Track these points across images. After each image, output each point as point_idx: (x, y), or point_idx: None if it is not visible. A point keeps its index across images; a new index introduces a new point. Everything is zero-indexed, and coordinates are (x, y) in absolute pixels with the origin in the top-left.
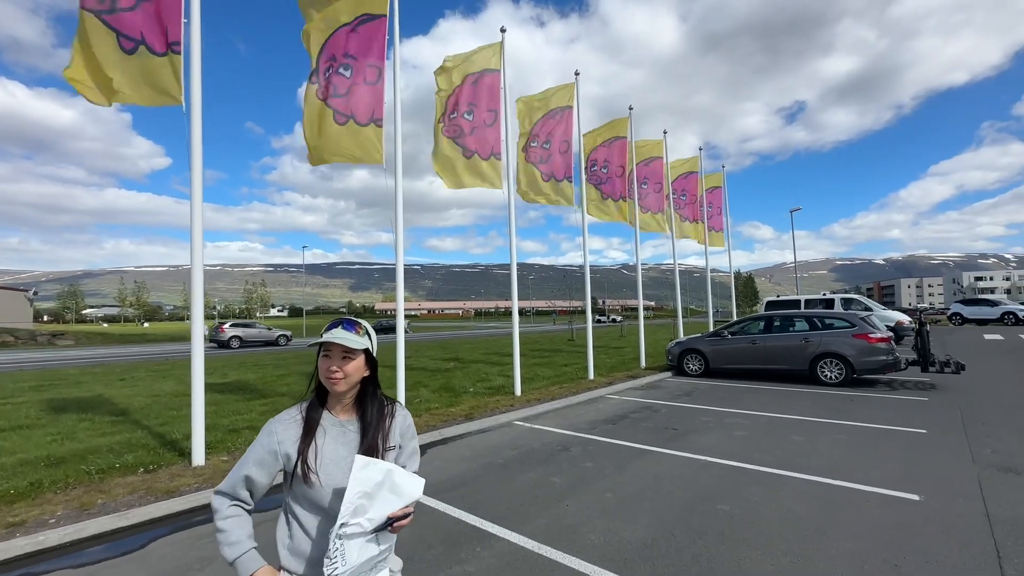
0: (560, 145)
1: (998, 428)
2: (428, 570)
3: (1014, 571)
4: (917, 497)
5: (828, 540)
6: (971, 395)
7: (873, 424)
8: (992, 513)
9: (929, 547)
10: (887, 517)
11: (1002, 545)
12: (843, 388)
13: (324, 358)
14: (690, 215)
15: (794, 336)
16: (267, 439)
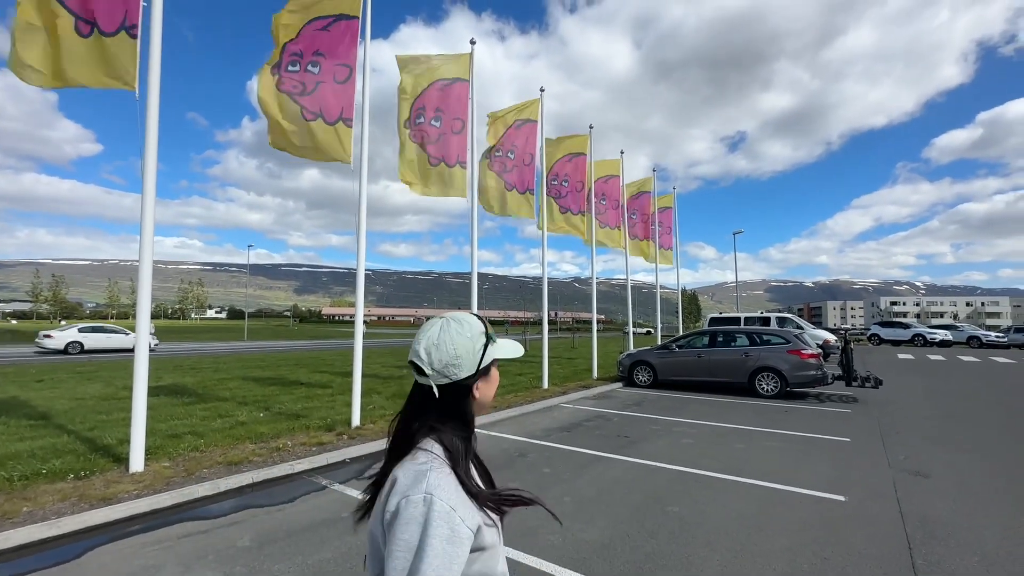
0: (524, 157)
1: (910, 437)
2: None
3: (923, 561)
4: (842, 498)
5: (766, 536)
6: (888, 407)
7: (804, 433)
8: (905, 511)
9: (852, 541)
10: (817, 515)
11: (912, 538)
12: (778, 400)
13: (495, 370)
14: (641, 233)
15: (735, 351)
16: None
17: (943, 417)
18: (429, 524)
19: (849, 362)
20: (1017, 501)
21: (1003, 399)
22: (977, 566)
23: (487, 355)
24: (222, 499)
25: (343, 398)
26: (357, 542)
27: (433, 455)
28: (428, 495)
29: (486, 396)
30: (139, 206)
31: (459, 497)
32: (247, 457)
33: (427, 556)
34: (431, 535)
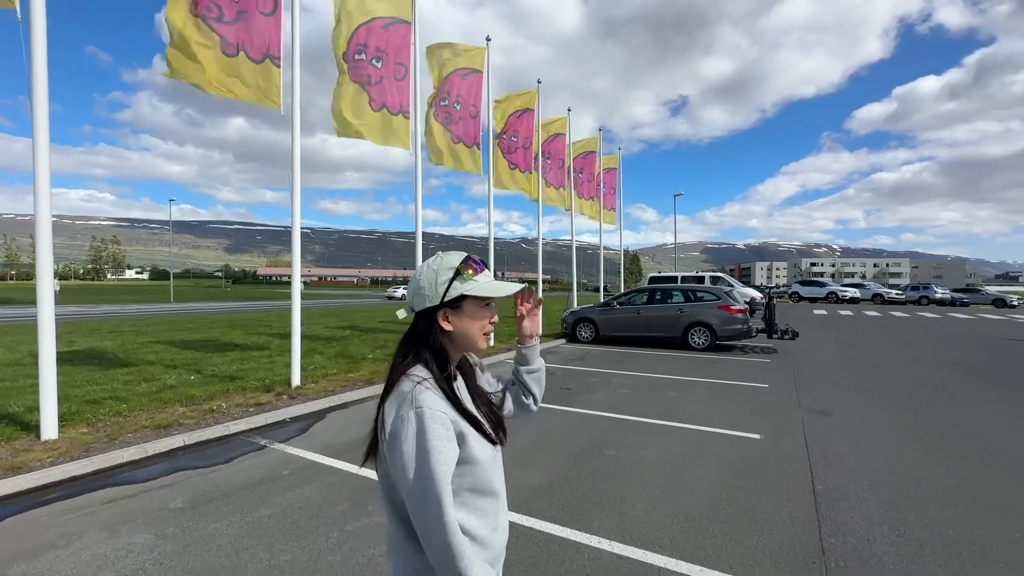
0: (471, 109)
1: (818, 382)
2: (335, 523)
3: (821, 486)
4: (758, 436)
5: (692, 472)
6: (802, 357)
7: (729, 381)
8: (809, 445)
9: (765, 473)
10: (736, 452)
11: (814, 468)
12: (708, 352)
13: (485, 308)
14: (587, 193)
15: (671, 307)
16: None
17: (847, 364)
18: (425, 430)
19: (771, 317)
20: (902, 435)
21: (897, 348)
22: (866, 488)
23: (452, 289)
24: (150, 463)
25: (282, 359)
26: (299, 498)
27: (419, 378)
28: (418, 408)
29: (461, 331)
30: (32, 152)
31: (444, 405)
32: (177, 420)
33: (431, 454)
34: (429, 437)
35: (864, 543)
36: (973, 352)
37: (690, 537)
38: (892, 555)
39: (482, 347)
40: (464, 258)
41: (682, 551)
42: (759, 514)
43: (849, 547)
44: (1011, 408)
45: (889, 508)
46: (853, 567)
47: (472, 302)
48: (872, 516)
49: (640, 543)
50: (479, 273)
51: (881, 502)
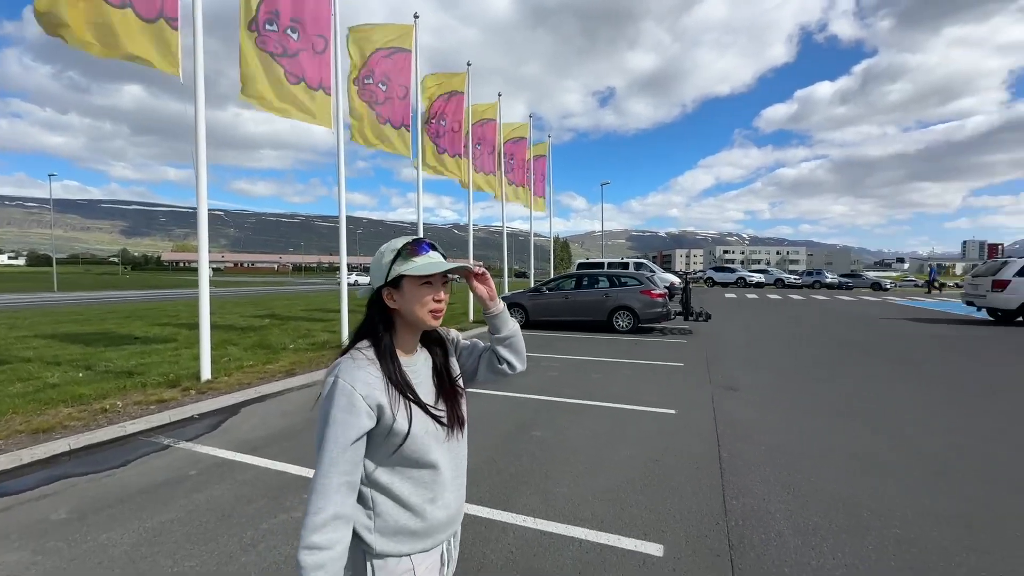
0: (398, 90)
1: (726, 360)
2: (249, 522)
3: (727, 453)
4: (674, 411)
5: (615, 448)
6: (713, 337)
7: (650, 361)
8: (718, 418)
9: (679, 444)
10: (654, 427)
11: (721, 437)
12: (631, 335)
13: (425, 287)
14: (517, 179)
15: (598, 292)
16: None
17: (752, 343)
18: (331, 397)
19: (687, 300)
20: (795, 404)
21: (793, 328)
22: (763, 454)
23: (392, 270)
24: (27, 472)
25: (191, 351)
26: (207, 499)
27: (359, 352)
28: (334, 376)
29: (405, 309)
30: None
31: (364, 379)
32: (61, 422)
33: (330, 422)
34: (333, 406)
35: (760, 502)
36: (854, 330)
37: (609, 509)
38: (783, 511)
39: (429, 323)
40: (408, 241)
41: (601, 522)
42: (672, 483)
43: (748, 507)
44: (883, 378)
45: (782, 470)
46: (750, 524)
47: (410, 281)
48: (768, 478)
49: (563, 518)
50: (419, 255)
51: (776, 465)
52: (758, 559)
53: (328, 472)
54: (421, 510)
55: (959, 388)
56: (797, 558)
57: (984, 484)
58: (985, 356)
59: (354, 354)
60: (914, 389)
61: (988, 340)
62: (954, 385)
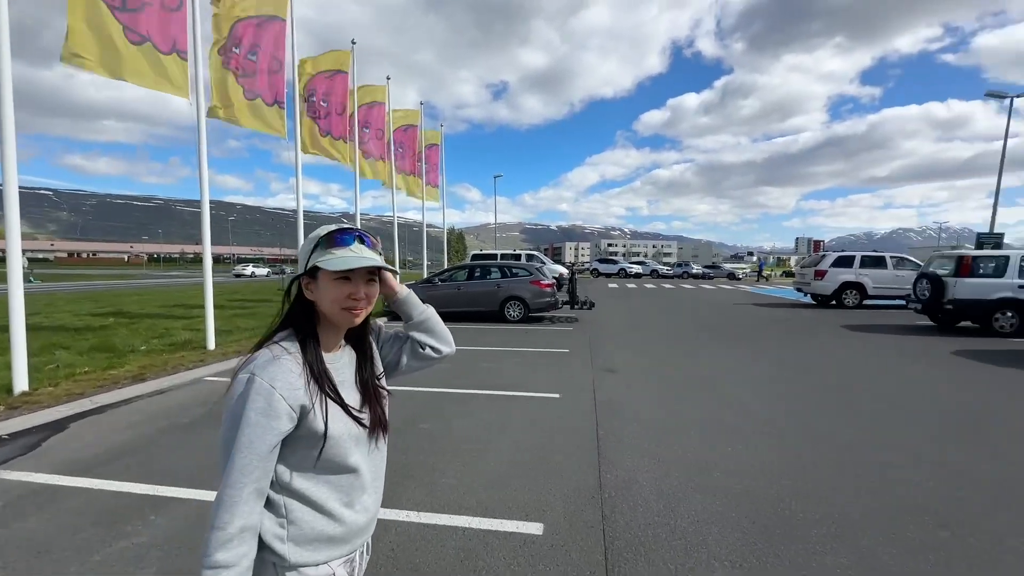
0: (270, 62)
1: (607, 345)
2: (75, 556)
3: (603, 431)
4: (558, 395)
5: (503, 434)
6: (597, 324)
7: (538, 349)
8: (597, 399)
9: (562, 423)
10: (541, 411)
11: (599, 416)
12: (522, 324)
13: (339, 282)
14: (409, 168)
15: (489, 283)
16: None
17: (630, 328)
18: (246, 397)
19: (573, 289)
20: (663, 382)
21: (664, 313)
22: (635, 429)
23: (311, 260)
24: None
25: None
26: (19, 534)
27: (277, 346)
28: (250, 374)
29: (320, 300)
30: None
31: (285, 378)
32: None
33: (244, 425)
34: (248, 407)
35: (631, 473)
36: (712, 314)
37: (494, 495)
38: (649, 479)
39: (343, 321)
40: (332, 229)
41: (486, 509)
42: (553, 463)
43: (620, 479)
44: (733, 356)
45: (650, 442)
46: (621, 494)
47: (325, 274)
48: (638, 450)
49: (447, 509)
50: (339, 247)
51: (645, 438)
52: (627, 526)
53: (239, 481)
54: (340, 515)
55: (788, 361)
56: (660, 520)
57: (810, 442)
58: (807, 334)
59: (272, 348)
60: (755, 364)
61: (811, 320)
62: (786, 360)
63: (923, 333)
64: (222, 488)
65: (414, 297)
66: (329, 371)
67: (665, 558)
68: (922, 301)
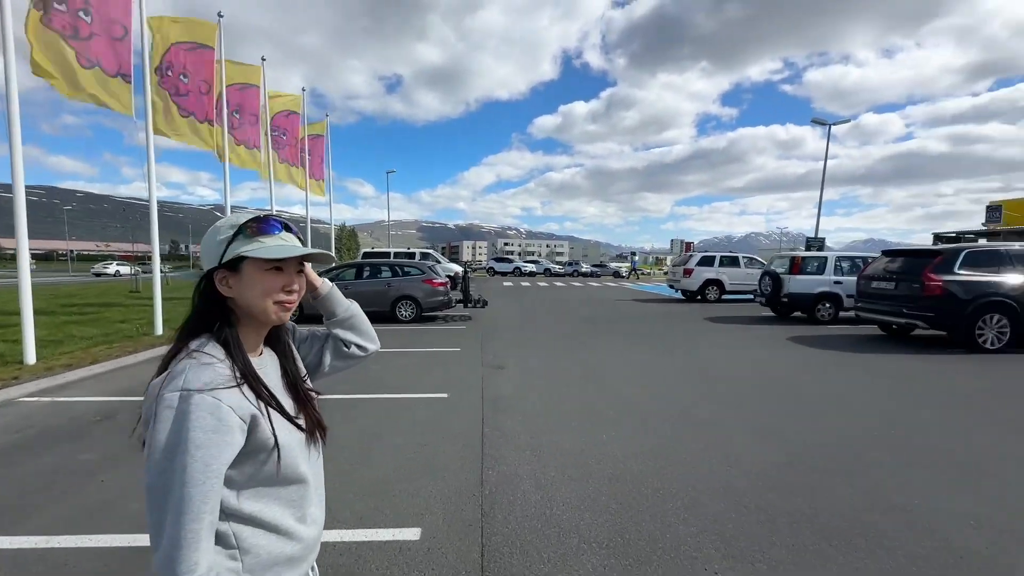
0: (110, 26)
1: (497, 342)
2: None
3: (488, 428)
4: (446, 395)
5: (385, 439)
6: (489, 321)
7: (429, 349)
8: (485, 396)
9: (448, 423)
10: (427, 412)
11: (486, 413)
12: (414, 324)
13: (272, 273)
14: (290, 158)
15: (380, 282)
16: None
17: (522, 325)
18: (188, 416)
19: (466, 288)
20: (548, 375)
21: (554, 309)
22: (519, 424)
23: (230, 249)
24: None
25: None
26: None
27: (198, 351)
28: (182, 390)
29: (243, 298)
30: None
31: (227, 387)
32: None
33: (192, 449)
34: (193, 427)
35: (512, 468)
36: (597, 309)
37: (372, 504)
38: (528, 472)
39: (274, 318)
40: (253, 217)
41: (361, 519)
42: (437, 464)
43: (501, 474)
44: (612, 347)
45: (532, 436)
46: (501, 490)
47: (253, 265)
48: (520, 444)
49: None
50: (268, 234)
51: (528, 432)
52: (504, 520)
53: (199, 513)
54: (296, 532)
55: (658, 350)
56: (537, 511)
57: (673, 423)
58: (677, 325)
59: (198, 356)
60: (632, 354)
61: (680, 313)
62: (657, 349)
63: (767, 322)
64: (177, 526)
65: (337, 292)
66: (260, 376)
67: (539, 548)
68: (765, 295)
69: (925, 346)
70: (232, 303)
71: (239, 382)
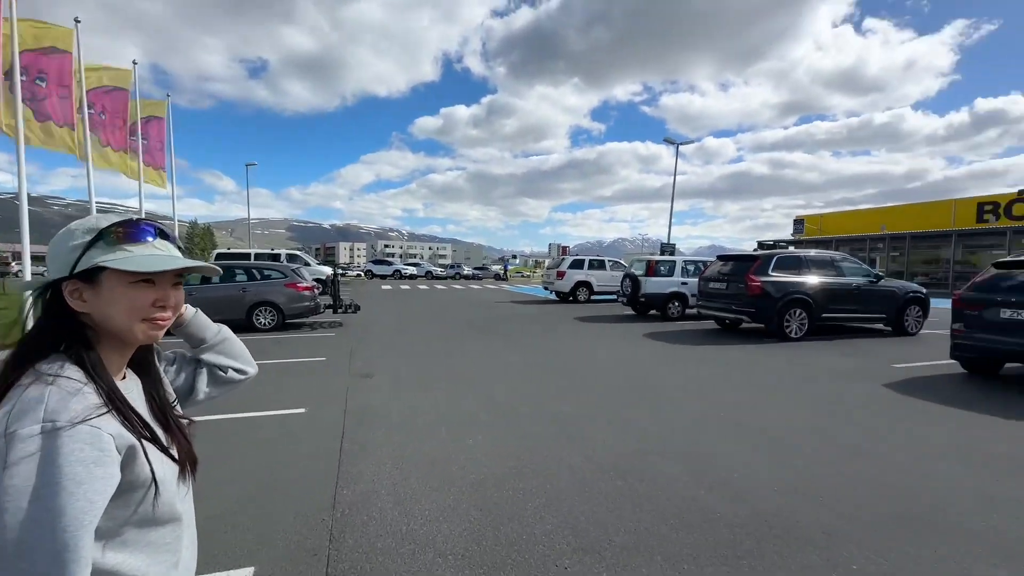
0: None
1: (369, 348)
2: None
3: (348, 444)
4: (303, 410)
5: (223, 467)
6: (362, 327)
7: (290, 360)
8: (348, 408)
9: (302, 446)
10: (278, 432)
11: (347, 428)
12: (275, 332)
13: (140, 287)
14: (115, 141)
15: (233, 287)
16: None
17: (398, 330)
18: (59, 452)
19: (336, 292)
20: (422, 383)
21: (434, 313)
22: (383, 435)
23: (86, 257)
24: None
25: None
26: None
27: (60, 377)
28: (49, 423)
29: (101, 314)
30: None
31: (101, 414)
32: None
33: (68, 487)
34: (68, 462)
35: (370, 485)
36: (477, 311)
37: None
38: (388, 487)
39: (142, 338)
40: (119, 220)
41: None
42: (283, 490)
43: (357, 493)
44: (490, 350)
45: (396, 447)
46: (355, 510)
47: (115, 277)
48: (382, 457)
49: None
50: (135, 242)
51: (392, 443)
52: (355, 544)
53: (83, 556)
54: None
55: (531, 350)
56: (393, 528)
57: (539, 422)
58: (549, 325)
59: (58, 381)
60: (507, 355)
61: (553, 313)
62: (528, 349)
63: (627, 320)
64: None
65: (203, 316)
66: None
67: (390, 569)
68: (626, 295)
69: (748, 337)
70: (87, 318)
71: (108, 409)
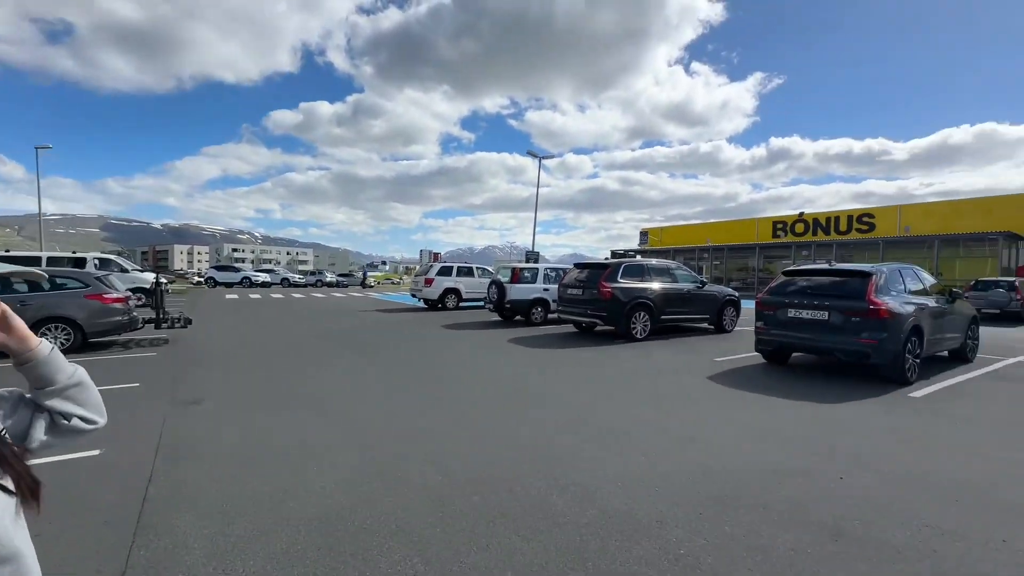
0: None
1: (200, 369)
2: None
3: (156, 489)
4: (98, 452)
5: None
6: (194, 345)
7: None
8: (162, 444)
9: (95, 491)
10: (64, 480)
11: (157, 470)
12: (73, 355)
13: None
14: None
15: (9, 300)
16: None
17: (238, 347)
18: None
19: (159, 304)
20: (261, 407)
21: (287, 325)
22: (204, 473)
23: None
24: None
25: None
26: None
27: None
28: None
29: None
30: None
31: None
32: None
33: None
34: None
35: (180, 538)
36: (337, 322)
37: None
38: (205, 537)
39: None
40: None
41: None
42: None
43: (160, 550)
44: (348, 365)
45: (221, 486)
46: (153, 573)
47: None
48: (199, 503)
49: None
50: None
51: (216, 482)
52: None
53: None
54: None
55: (393, 362)
56: None
57: (397, 443)
58: (415, 334)
59: None
60: (368, 369)
61: (420, 322)
62: (391, 360)
63: (494, 327)
64: None
65: (60, 356)
66: None
67: None
68: (493, 302)
69: (601, 339)
70: None
71: None
